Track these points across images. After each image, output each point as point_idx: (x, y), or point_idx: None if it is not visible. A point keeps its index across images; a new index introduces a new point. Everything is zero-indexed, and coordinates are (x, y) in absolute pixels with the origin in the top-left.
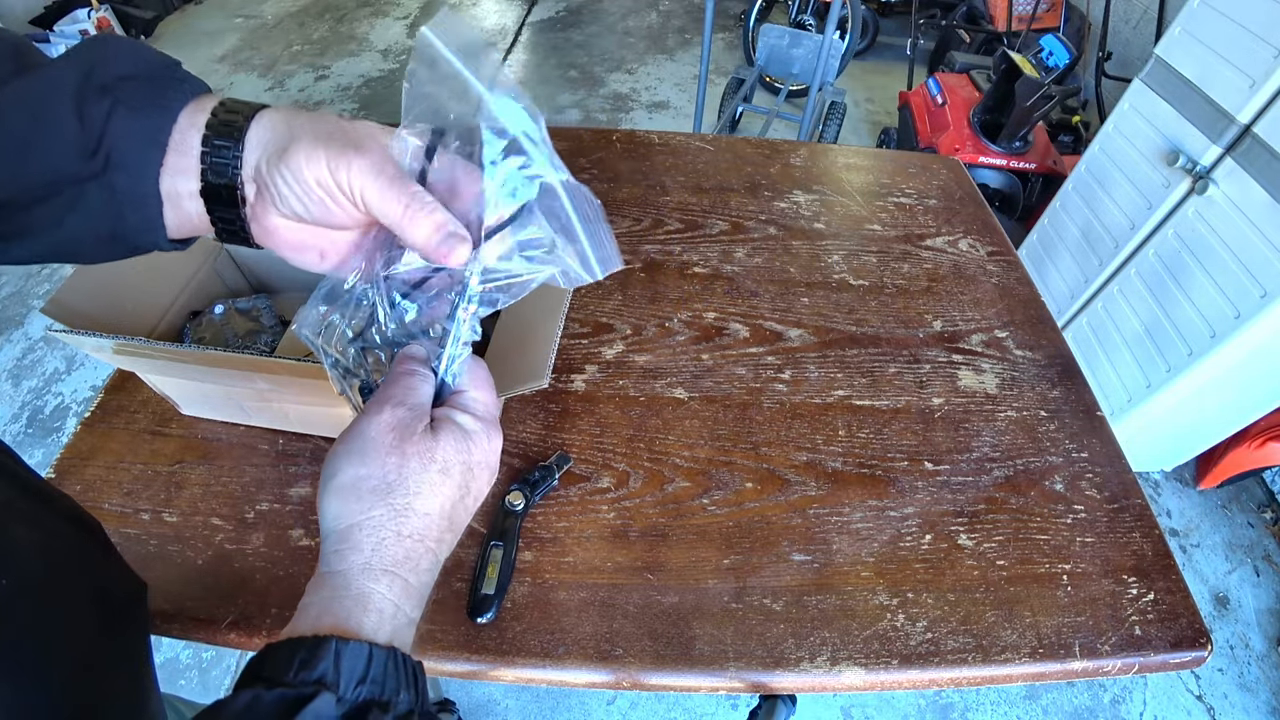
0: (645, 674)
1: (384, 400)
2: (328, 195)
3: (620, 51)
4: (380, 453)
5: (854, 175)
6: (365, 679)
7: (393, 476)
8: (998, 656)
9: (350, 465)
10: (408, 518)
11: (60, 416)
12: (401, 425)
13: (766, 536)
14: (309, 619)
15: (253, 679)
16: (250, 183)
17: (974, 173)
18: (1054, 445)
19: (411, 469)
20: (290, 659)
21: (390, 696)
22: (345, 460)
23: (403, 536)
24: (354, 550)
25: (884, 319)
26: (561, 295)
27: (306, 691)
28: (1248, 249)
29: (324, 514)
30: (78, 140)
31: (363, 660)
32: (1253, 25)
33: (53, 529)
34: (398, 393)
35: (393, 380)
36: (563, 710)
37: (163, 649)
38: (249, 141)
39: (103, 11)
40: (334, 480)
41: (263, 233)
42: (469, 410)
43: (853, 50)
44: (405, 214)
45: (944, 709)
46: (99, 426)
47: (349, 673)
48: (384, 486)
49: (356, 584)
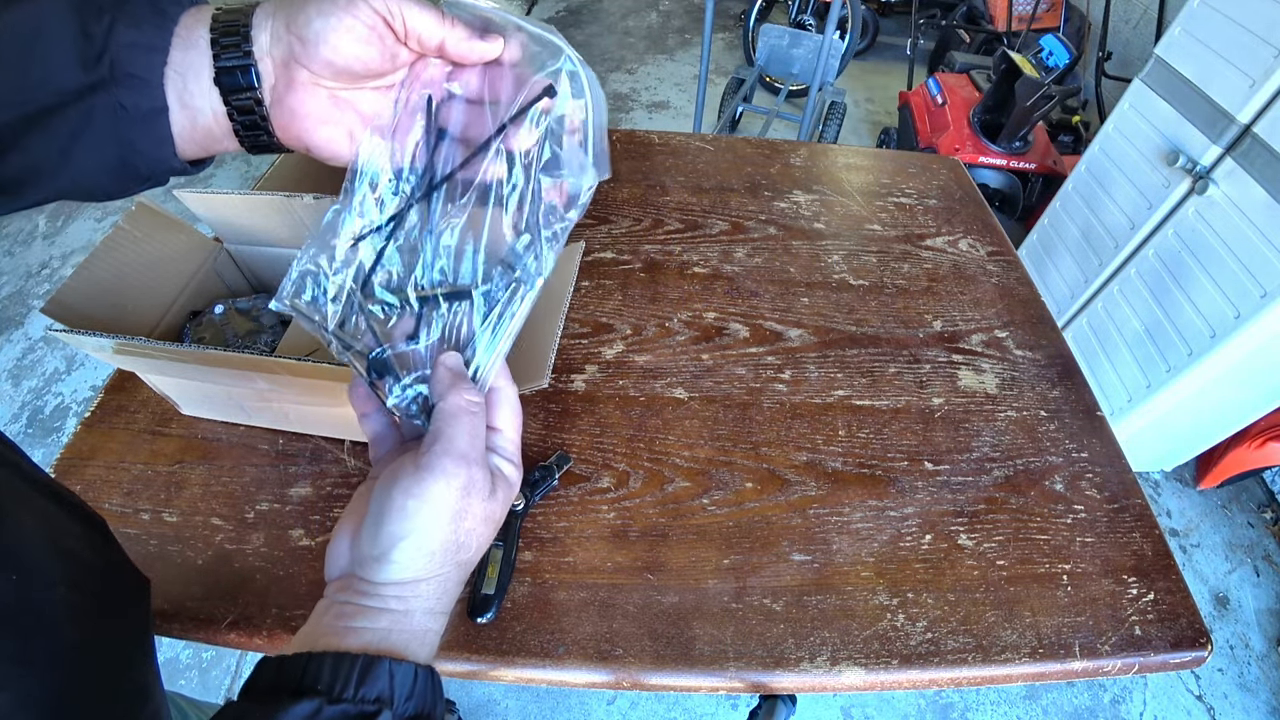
0: (645, 674)
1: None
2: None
3: (620, 51)
4: (459, 517)
5: (854, 175)
6: (412, 695)
7: (463, 538)
8: (998, 656)
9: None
10: (465, 570)
11: (60, 416)
12: (477, 487)
13: (766, 536)
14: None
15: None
16: (268, 58)
17: (974, 173)
18: (1054, 445)
19: (479, 533)
20: (344, 675)
21: (429, 710)
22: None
23: (459, 583)
24: (419, 598)
25: (884, 319)
26: (561, 295)
27: (369, 710)
28: (1248, 249)
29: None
30: (81, 49)
31: (410, 679)
32: (1253, 25)
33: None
34: (468, 446)
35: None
36: (563, 710)
37: (163, 649)
38: (257, 18)
39: None
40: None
41: (289, 116)
42: (511, 459)
43: (853, 50)
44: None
45: (944, 709)
46: (99, 426)
47: (401, 690)
48: (456, 546)
49: (420, 623)
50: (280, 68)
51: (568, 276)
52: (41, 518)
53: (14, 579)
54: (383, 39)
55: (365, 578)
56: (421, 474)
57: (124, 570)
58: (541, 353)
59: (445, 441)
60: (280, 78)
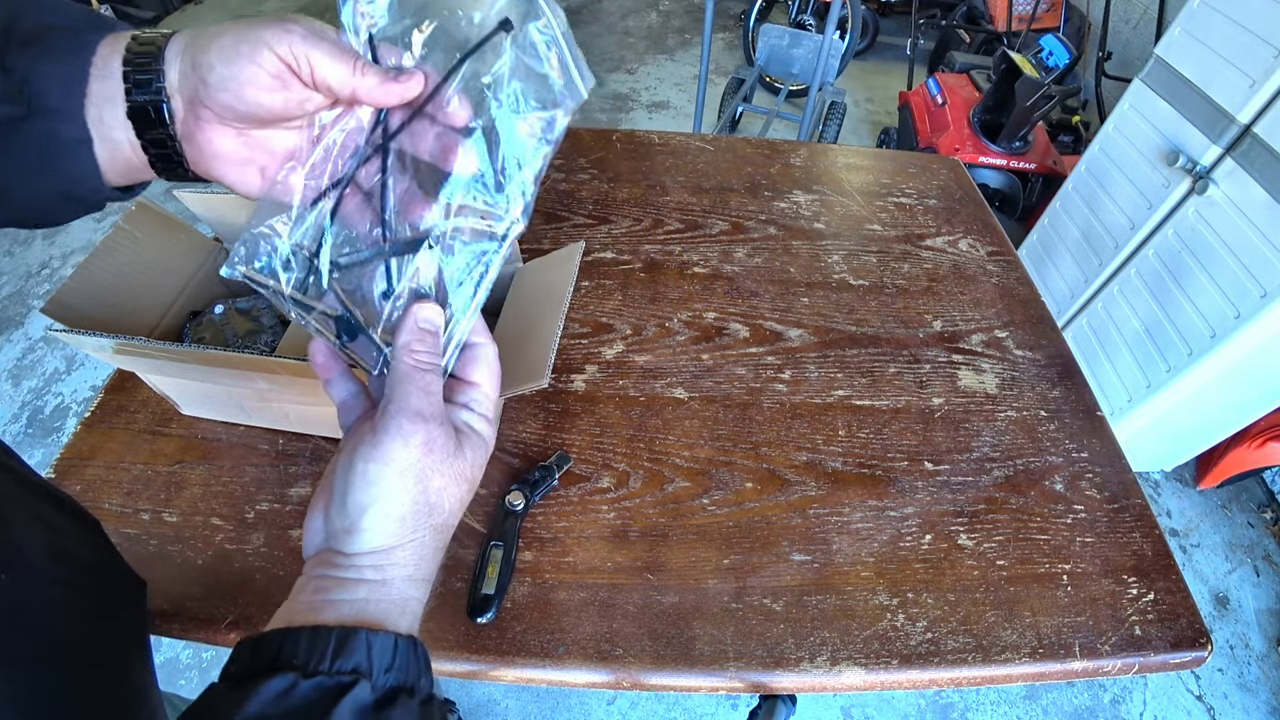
0: (645, 674)
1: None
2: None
3: (620, 51)
4: (424, 477)
5: (854, 175)
6: (392, 666)
7: (435, 498)
8: (998, 656)
9: (393, 492)
10: (443, 534)
11: (60, 416)
12: (438, 445)
13: (766, 536)
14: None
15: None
16: (177, 95)
17: (974, 173)
18: (1054, 445)
19: (450, 492)
20: (319, 648)
21: (414, 682)
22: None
23: (437, 550)
24: (396, 566)
25: (884, 319)
26: (561, 295)
27: (345, 680)
28: (1248, 249)
29: (356, 536)
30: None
31: (389, 650)
32: (1253, 25)
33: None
34: (424, 403)
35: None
36: (563, 710)
37: (163, 649)
38: (169, 52)
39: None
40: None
41: (197, 152)
42: (485, 415)
43: (853, 50)
44: (355, 66)
45: (944, 709)
46: (99, 426)
47: (380, 661)
48: (427, 508)
49: (399, 591)
50: (188, 105)
51: (568, 276)
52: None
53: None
54: (288, 86)
55: (339, 550)
56: (378, 436)
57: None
58: (541, 353)
59: (399, 400)
60: (189, 114)
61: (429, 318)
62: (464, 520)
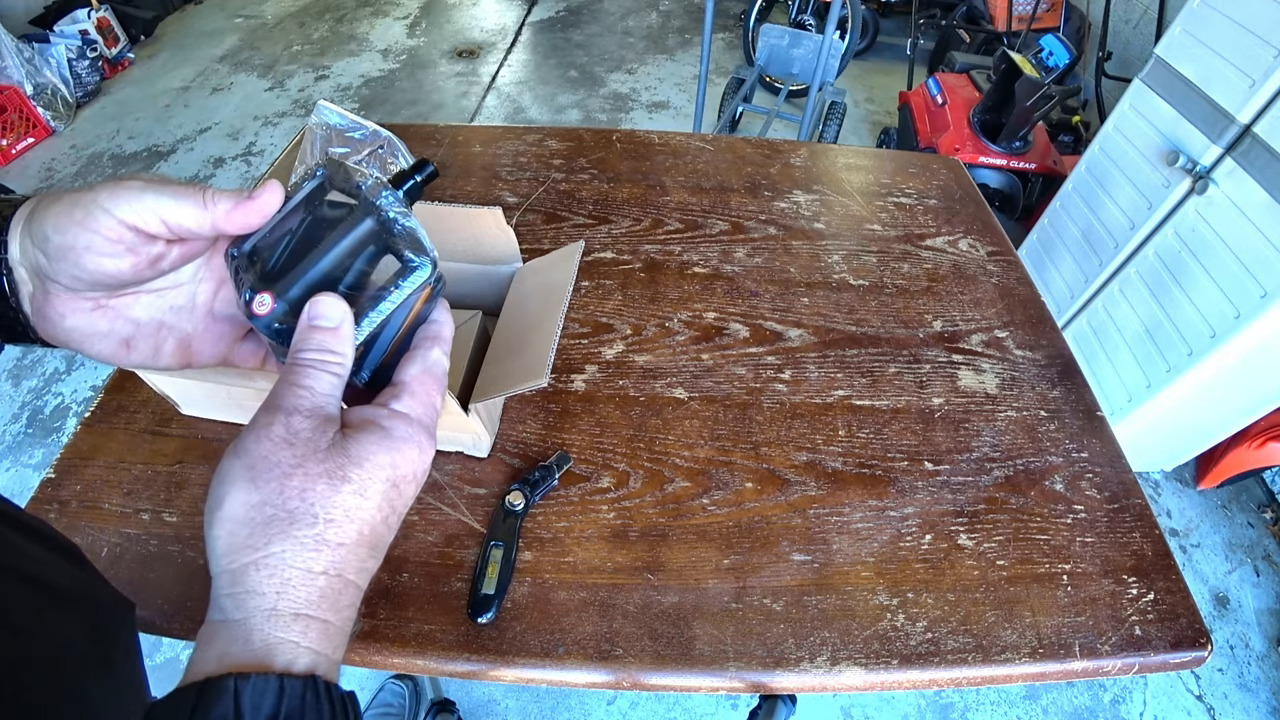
0: (645, 674)
1: (275, 406)
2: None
3: (620, 51)
4: (276, 474)
5: (854, 175)
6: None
7: (294, 503)
8: (998, 656)
9: (239, 490)
10: (319, 552)
11: (60, 416)
12: (301, 438)
13: (766, 536)
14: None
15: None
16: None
17: (974, 173)
18: (1054, 445)
19: (319, 493)
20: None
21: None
22: (232, 483)
23: (314, 574)
24: (253, 595)
25: (884, 319)
26: (561, 295)
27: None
28: (1248, 249)
29: (212, 550)
30: None
31: (272, 694)
32: (1253, 25)
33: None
34: (290, 396)
35: (286, 374)
36: (563, 710)
37: (162, 649)
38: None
39: (103, 11)
40: (220, 509)
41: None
42: (399, 411)
43: (853, 50)
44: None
45: (944, 709)
46: (99, 426)
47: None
48: (284, 516)
49: (260, 634)
50: (34, 278)
51: (567, 276)
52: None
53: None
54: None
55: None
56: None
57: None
58: (541, 352)
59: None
60: (37, 288)
61: (321, 313)
62: (464, 520)
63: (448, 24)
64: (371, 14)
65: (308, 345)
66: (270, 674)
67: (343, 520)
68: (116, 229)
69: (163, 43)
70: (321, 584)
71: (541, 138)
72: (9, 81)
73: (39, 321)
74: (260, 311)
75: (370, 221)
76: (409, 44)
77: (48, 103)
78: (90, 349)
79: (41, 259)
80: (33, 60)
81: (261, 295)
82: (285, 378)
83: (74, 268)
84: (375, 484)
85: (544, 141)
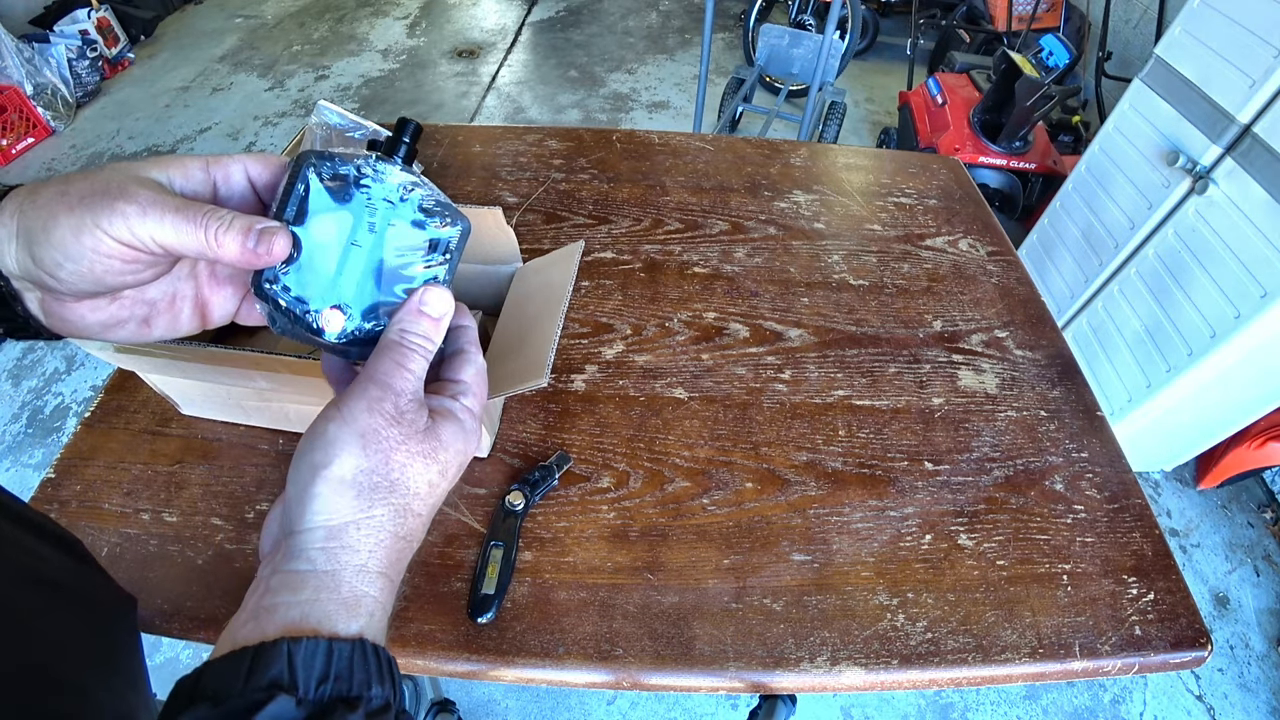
0: (645, 674)
1: (384, 384)
2: (114, 258)
3: (620, 51)
4: (385, 447)
5: (854, 175)
6: (328, 676)
7: (397, 474)
8: (998, 656)
9: (350, 455)
10: (406, 519)
11: (60, 416)
12: (406, 419)
13: (766, 536)
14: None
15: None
16: (19, 280)
17: (974, 173)
18: (1054, 445)
19: (416, 469)
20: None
21: (360, 691)
22: (344, 446)
23: (399, 538)
24: (348, 550)
25: (884, 319)
26: (561, 295)
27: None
28: (1248, 249)
29: (308, 504)
30: None
31: (322, 657)
32: (1253, 25)
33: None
34: (398, 377)
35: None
36: (563, 710)
37: (162, 649)
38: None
39: (103, 11)
40: (330, 469)
41: (64, 324)
42: (470, 408)
43: (853, 50)
44: (209, 235)
45: (944, 709)
46: (99, 426)
47: (307, 671)
48: (387, 484)
49: (349, 586)
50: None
51: (567, 276)
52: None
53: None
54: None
55: (292, 529)
56: (345, 399)
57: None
58: (541, 352)
59: (373, 368)
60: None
61: (431, 302)
62: (464, 520)
63: (448, 24)
64: (371, 14)
65: (415, 329)
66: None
67: (426, 494)
68: (113, 247)
69: (163, 43)
70: (401, 548)
71: (541, 138)
72: (9, 81)
73: (55, 323)
74: (331, 327)
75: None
76: (409, 44)
77: (48, 103)
78: (111, 336)
79: (50, 280)
80: (33, 60)
81: (327, 313)
82: (390, 355)
83: (90, 284)
84: (451, 467)
85: (544, 141)
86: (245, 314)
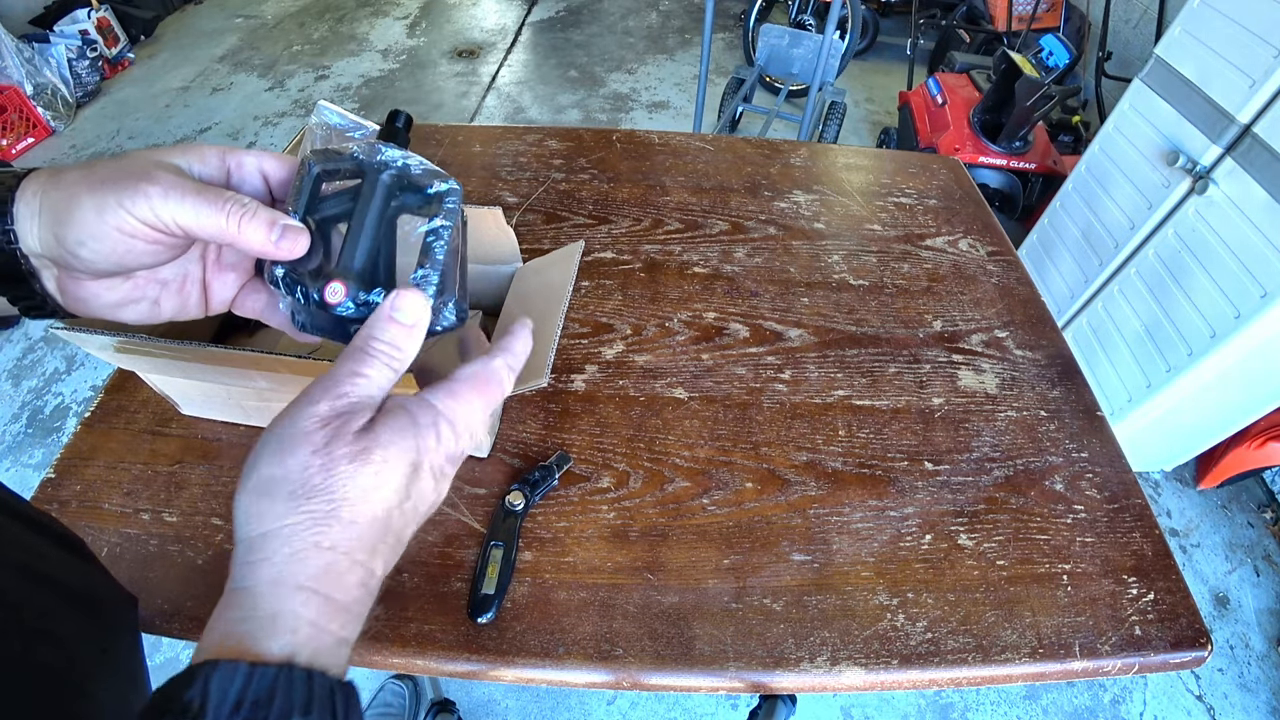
0: (645, 674)
1: (328, 388)
2: (137, 238)
3: (620, 51)
4: (304, 449)
5: (854, 175)
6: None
7: (316, 479)
8: (998, 656)
9: (268, 463)
10: (329, 526)
11: (60, 416)
12: (338, 418)
13: (766, 536)
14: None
15: None
16: (39, 258)
17: (974, 173)
18: (1054, 445)
19: (340, 472)
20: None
21: None
22: (264, 455)
23: (322, 548)
24: (264, 563)
25: (884, 319)
26: (561, 295)
27: None
28: (1248, 249)
29: (237, 517)
30: None
31: (239, 681)
32: (1253, 25)
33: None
34: (347, 382)
35: (350, 358)
36: (563, 710)
37: (162, 649)
38: (19, 213)
39: (103, 11)
40: (249, 478)
41: (78, 303)
42: (427, 400)
43: (853, 50)
44: (231, 220)
45: (944, 709)
46: (99, 426)
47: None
48: (303, 490)
49: (266, 602)
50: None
51: (567, 276)
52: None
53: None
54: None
55: None
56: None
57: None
58: (541, 352)
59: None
60: (64, 276)
61: (403, 308)
62: (464, 520)
63: (448, 24)
64: (371, 14)
65: (382, 335)
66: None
67: (358, 499)
68: (136, 227)
69: (163, 43)
70: (328, 559)
71: (541, 138)
72: (9, 81)
73: (70, 301)
74: (334, 300)
75: (385, 177)
76: (409, 44)
77: (48, 103)
78: (124, 315)
79: (72, 259)
80: (33, 60)
81: (332, 285)
82: (348, 362)
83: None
84: (395, 466)
85: (544, 141)
86: (241, 303)
